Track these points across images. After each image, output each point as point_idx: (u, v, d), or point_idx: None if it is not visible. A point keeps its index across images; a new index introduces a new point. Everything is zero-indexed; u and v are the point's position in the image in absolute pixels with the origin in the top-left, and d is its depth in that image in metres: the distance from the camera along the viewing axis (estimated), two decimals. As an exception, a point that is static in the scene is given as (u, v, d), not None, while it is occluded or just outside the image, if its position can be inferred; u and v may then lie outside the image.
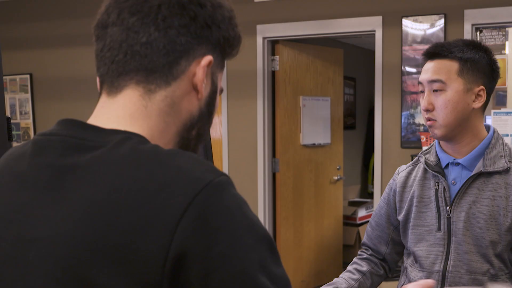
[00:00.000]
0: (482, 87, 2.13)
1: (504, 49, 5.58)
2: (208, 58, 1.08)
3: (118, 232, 0.90)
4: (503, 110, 4.75)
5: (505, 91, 5.06)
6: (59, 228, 0.94)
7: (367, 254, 2.46)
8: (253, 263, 0.92)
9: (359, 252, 2.51)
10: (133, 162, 0.95)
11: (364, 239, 2.49)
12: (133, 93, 1.05)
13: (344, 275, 2.36)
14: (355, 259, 2.47)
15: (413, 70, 5.16)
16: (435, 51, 2.16)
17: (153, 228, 0.89)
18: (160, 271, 0.89)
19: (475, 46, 2.15)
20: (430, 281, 1.89)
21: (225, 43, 1.12)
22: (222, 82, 1.20)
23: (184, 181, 0.92)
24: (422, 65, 2.22)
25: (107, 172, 0.95)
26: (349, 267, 2.43)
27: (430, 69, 2.15)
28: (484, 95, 2.14)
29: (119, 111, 1.06)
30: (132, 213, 0.90)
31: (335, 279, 2.33)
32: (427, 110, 2.15)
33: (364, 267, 2.40)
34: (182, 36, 1.05)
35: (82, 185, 0.95)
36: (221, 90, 1.17)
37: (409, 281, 2.27)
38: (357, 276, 2.37)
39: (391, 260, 2.45)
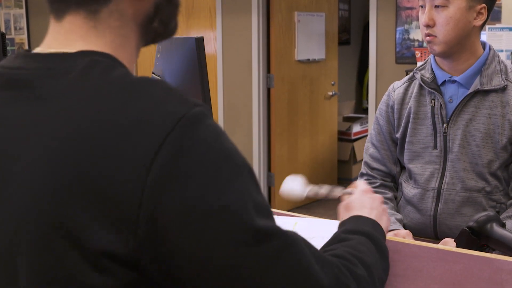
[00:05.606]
0: (484, 4, 2.12)
1: (501, -36, 5.53)
2: None
3: (93, 170, 0.85)
4: (497, 25, 4.76)
5: (500, 6, 5.03)
6: (28, 166, 0.89)
7: (379, 180, 2.37)
8: (234, 192, 0.90)
9: (365, 181, 2.35)
10: (102, 93, 0.91)
11: (370, 163, 2.39)
12: (76, 18, 1.00)
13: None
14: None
15: (409, -15, 5.13)
16: None
17: (128, 165, 0.85)
18: (135, 211, 0.85)
19: None
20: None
21: None
22: None
23: (157, 116, 0.88)
24: None
25: (77, 104, 0.91)
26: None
27: None
28: (485, 13, 2.13)
29: (69, 35, 1.01)
30: (107, 149, 0.86)
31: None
32: (427, 26, 2.13)
33: (388, 194, 2.32)
34: None
35: (47, 119, 0.91)
36: None
37: (404, 197, 2.31)
38: (391, 204, 2.30)
39: (398, 179, 2.38)
